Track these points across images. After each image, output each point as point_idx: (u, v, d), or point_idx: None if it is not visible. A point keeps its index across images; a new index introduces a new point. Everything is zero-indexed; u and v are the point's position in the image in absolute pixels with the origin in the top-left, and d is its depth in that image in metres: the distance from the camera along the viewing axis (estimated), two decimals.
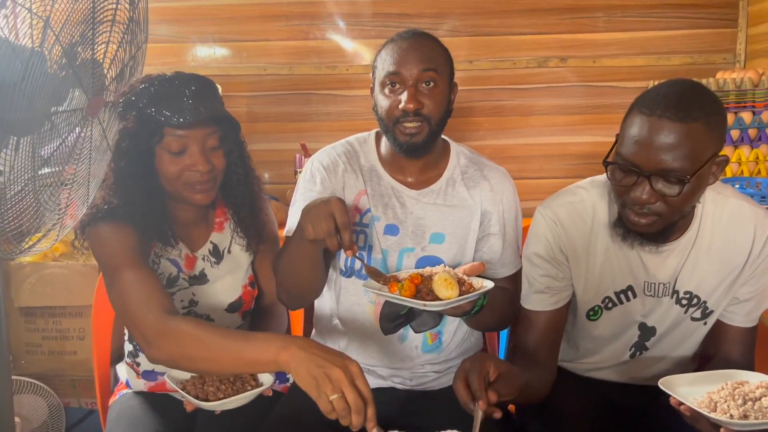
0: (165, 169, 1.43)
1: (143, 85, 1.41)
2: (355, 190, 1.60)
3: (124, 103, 1.42)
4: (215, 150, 1.45)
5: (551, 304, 1.50)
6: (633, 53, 2.90)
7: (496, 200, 1.60)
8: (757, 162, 2.49)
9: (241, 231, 1.61)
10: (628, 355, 1.55)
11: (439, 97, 1.51)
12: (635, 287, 1.47)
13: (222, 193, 1.58)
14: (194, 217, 1.57)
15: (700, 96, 1.25)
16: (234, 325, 1.62)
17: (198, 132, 1.41)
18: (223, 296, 1.58)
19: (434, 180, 1.61)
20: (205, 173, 1.42)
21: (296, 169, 2.78)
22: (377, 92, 1.54)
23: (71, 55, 1.63)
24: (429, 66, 1.48)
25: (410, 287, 1.30)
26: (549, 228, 1.47)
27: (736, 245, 1.42)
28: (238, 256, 1.61)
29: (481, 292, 1.31)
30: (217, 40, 3.01)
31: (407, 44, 1.50)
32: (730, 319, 1.48)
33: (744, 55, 2.84)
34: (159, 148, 1.42)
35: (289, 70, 3.00)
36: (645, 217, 1.29)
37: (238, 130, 1.50)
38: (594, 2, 2.88)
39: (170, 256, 1.53)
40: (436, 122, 1.51)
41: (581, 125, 2.97)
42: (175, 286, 1.53)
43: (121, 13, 1.84)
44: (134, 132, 1.41)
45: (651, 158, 1.22)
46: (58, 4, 1.64)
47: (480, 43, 2.93)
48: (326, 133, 2.98)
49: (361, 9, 2.96)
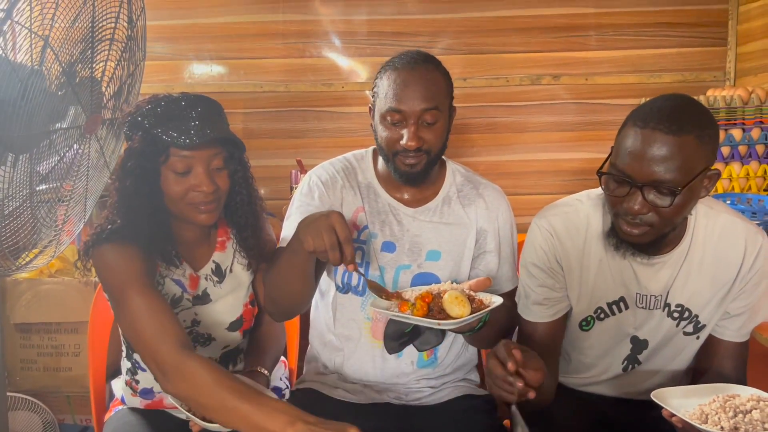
0: (170, 189, 1.44)
1: (149, 105, 1.43)
2: (353, 207, 1.61)
3: (130, 123, 1.44)
4: (220, 171, 1.46)
5: (550, 316, 1.51)
6: (625, 71, 2.95)
7: (491, 218, 1.62)
8: (748, 178, 2.52)
9: (243, 250, 1.61)
10: (621, 369, 1.55)
11: (440, 131, 1.52)
12: (627, 299, 1.48)
13: (225, 212, 1.58)
14: (197, 237, 1.57)
15: (693, 110, 1.28)
16: (234, 342, 1.62)
17: (203, 153, 1.42)
18: (224, 315, 1.58)
19: (430, 198, 1.63)
20: (210, 194, 1.43)
21: (292, 185, 2.79)
22: (377, 121, 1.54)
23: (70, 74, 1.65)
24: (431, 105, 1.48)
25: (422, 306, 1.29)
26: (544, 238, 1.49)
27: (727, 260, 1.43)
28: (239, 275, 1.61)
29: (492, 308, 1.31)
30: (214, 57, 3.05)
31: (409, 77, 1.48)
32: (721, 334, 1.49)
33: (733, 73, 2.89)
34: (164, 168, 1.42)
35: (286, 87, 3.03)
36: (637, 227, 1.31)
37: (243, 150, 1.51)
38: (586, 21, 2.93)
39: (174, 277, 1.53)
40: (436, 153, 1.53)
41: (574, 142, 3.01)
42: (178, 307, 1.53)
43: (119, 31, 1.87)
44: (140, 151, 1.42)
45: (644, 169, 1.24)
46: (58, 23, 1.66)
47: (474, 60, 2.98)
48: (322, 150, 3.02)
49: (356, 28, 3.00)
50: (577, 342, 1.57)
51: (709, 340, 1.51)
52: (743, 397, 1.22)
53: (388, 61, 1.55)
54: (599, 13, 2.92)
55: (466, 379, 1.71)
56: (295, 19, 3.00)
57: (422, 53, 1.54)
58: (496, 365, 1.20)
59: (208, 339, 1.57)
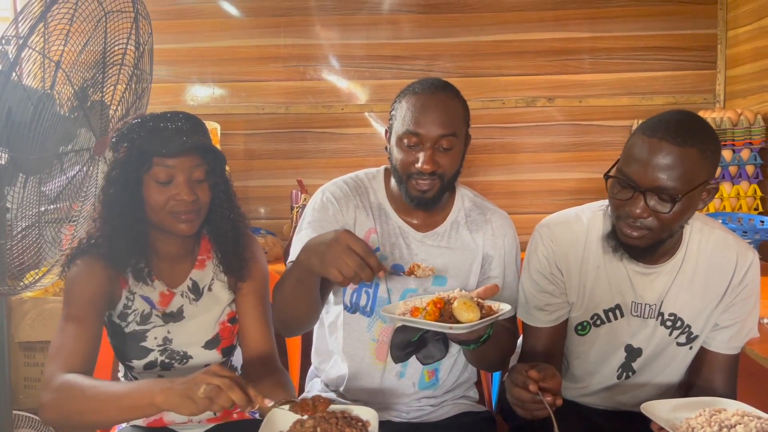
0: (151, 197, 1.47)
1: (137, 120, 1.49)
2: (366, 228, 1.60)
3: (118, 137, 1.49)
4: (201, 183, 1.50)
5: (551, 321, 1.56)
6: (617, 93, 3.02)
7: (497, 244, 1.63)
8: (738, 198, 2.58)
9: (223, 267, 1.62)
10: (616, 377, 1.59)
11: (456, 157, 1.52)
12: (623, 306, 1.53)
13: (207, 228, 1.62)
14: (177, 252, 1.59)
15: (698, 126, 1.34)
16: (214, 361, 1.61)
17: (185, 162, 1.46)
18: (199, 333, 1.58)
19: (439, 223, 1.64)
20: (190, 203, 1.47)
21: (293, 205, 2.83)
22: (393, 144, 1.54)
23: (83, 98, 1.70)
24: (448, 131, 1.48)
25: (434, 311, 1.27)
26: (546, 245, 1.54)
27: (718, 273, 1.49)
28: (218, 293, 1.62)
29: (501, 314, 1.31)
30: (216, 80, 3.10)
31: (429, 102, 1.49)
32: (712, 346, 1.53)
33: (723, 95, 2.96)
34: (147, 177, 1.46)
35: (286, 109, 3.08)
36: (637, 230, 1.37)
37: (224, 164, 1.55)
38: (580, 45, 3.01)
39: (144, 294, 1.55)
40: (449, 179, 1.54)
41: (568, 162, 3.07)
42: (148, 323, 1.55)
43: (128, 55, 1.93)
44: (124, 161, 1.46)
45: (648, 176, 1.31)
46: (69, 47, 1.72)
47: (471, 83, 3.03)
48: (322, 170, 3.07)
49: (355, 51, 3.07)
50: (574, 347, 1.61)
51: (700, 352, 1.55)
52: (729, 411, 1.25)
53: (408, 86, 1.56)
54: (593, 38, 3.00)
55: (465, 396, 1.73)
56: (295, 43, 3.06)
57: (442, 81, 1.55)
58: (521, 392, 1.25)
59: (185, 357, 1.57)
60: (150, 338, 1.55)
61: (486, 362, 1.64)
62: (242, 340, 1.63)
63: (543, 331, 1.56)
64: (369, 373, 1.62)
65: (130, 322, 1.54)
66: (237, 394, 1.10)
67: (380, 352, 1.61)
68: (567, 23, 3.00)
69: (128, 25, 1.79)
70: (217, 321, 1.60)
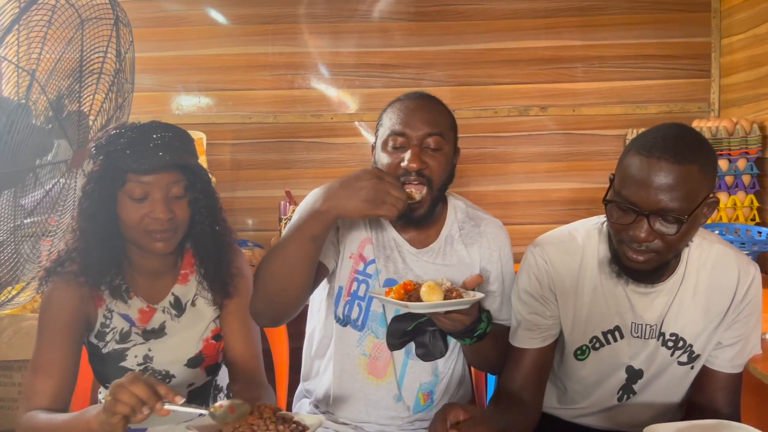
0: (126, 215, 1.42)
1: (115, 131, 1.43)
2: (361, 237, 1.55)
3: (96, 147, 1.44)
4: (179, 199, 1.44)
5: (539, 342, 1.50)
6: (611, 102, 2.98)
7: (493, 257, 1.59)
8: (735, 208, 2.54)
9: (206, 283, 1.57)
10: (616, 399, 1.54)
11: (443, 160, 1.47)
12: (622, 328, 1.48)
13: (190, 242, 1.56)
14: (158, 267, 1.54)
15: (695, 140, 1.30)
16: (198, 380, 1.56)
17: (161, 179, 1.40)
18: (181, 351, 1.53)
19: (433, 238, 1.59)
20: (165, 221, 1.41)
21: (281, 216, 2.78)
22: (379, 150, 1.50)
23: (58, 108, 1.64)
24: (435, 130, 1.45)
25: (399, 291, 1.31)
26: (538, 266, 1.49)
27: (720, 290, 1.44)
28: (202, 309, 1.57)
29: (464, 301, 1.29)
30: (202, 89, 3.05)
31: (414, 104, 1.48)
32: (714, 364, 1.48)
33: (718, 104, 2.93)
34: (121, 193, 1.41)
35: (274, 118, 3.03)
36: (642, 254, 1.32)
37: (205, 178, 1.49)
38: (573, 53, 2.97)
39: (122, 311, 1.50)
40: (438, 187, 1.47)
41: (561, 172, 3.03)
42: (128, 342, 1.50)
43: (108, 64, 1.87)
44: (99, 176, 1.41)
45: (650, 198, 1.25)
46: (45, 57, 1.66)
47: (462, 92, 3.00)
48: (311, 181, 3.01)
49: (345, 59, 3.02)
50: (572, 371, 1.55)
51: (702, 371, 1.50)
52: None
53: (393, 99, 1.54)
54: (586, 46, 2.97)
55: None
56: (283, 51, 3.01)
57: (429, 93, 1.54)
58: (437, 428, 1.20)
59: (167, 376, 1.52)
60: (130, 357, 1.49)
61: (484, 360, 1.59)
62: (227, 358, 1.58)
63: (529, 353, 1.50)
64: (361, 389, 1.57)
65: (109, 341, 1.49)
66: (140, 388, 1.09)
67: (373, 368, 1.56)
68: (560, 31, 2.96)
69: (107, 33, 1.74)
70: (201, 338, 1.55)
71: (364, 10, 3.00)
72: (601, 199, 1.37)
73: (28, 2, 1.48)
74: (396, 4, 3.00)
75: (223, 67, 3.02)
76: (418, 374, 1.57)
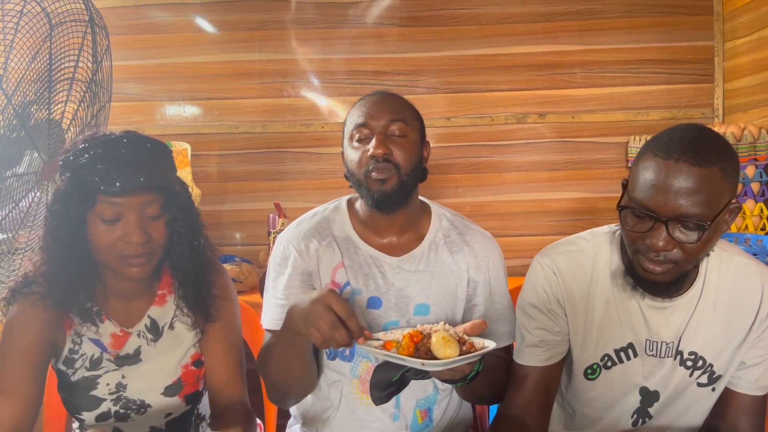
0: (96, 238, 1.30)
1: (84, 144, 1.30)
2: (332, 264, 1.51)
3: (63, 162, 1.32)
4: (155, 219, 1.33)
5: (545, 360, 1.41)
6: (611, 108, 2.90)
7: (481, 267, 1.52)
8: (744, 217, 2.44)
9: (185, 306, 1.47)
10: (630, 423, 1.44)
11: (409, 146, 1.47)
12: (636, 345, 1.39)
13: (168, 262, 1.45)
14: (133, 289, 1.43)
15: (715, 141, 1.21)
16: (177, 410, 1.46)
17: (135, 200, 1.29)
18: (157, 378, 1.43)
19: (415, 244, 1.53)
20: (140, 245, 1.30)
21: (270, 230, 2.67)
22: (346, 147, 1.50)
23: (24, 116, 1.52)
24: (397, 117, 1.46)
25: (409, 345, 1.19)
26: (546, 277, 1.41)
27: (743, 304, 1.35)
28: (181, 333, 1.46)
29: (483, 352, 1.20)
30: (187, 98, 2.95)
31: (375, 98, 1.50)
32: (737, 386, 1.39)
33: (722, 109, 2.85)
34: (91, 214, 1.29)
35: (263, 128, 2.94)
36: (660, 264, 1.23)
37: (186, 196, 1.39)
38: (571, 58, 2.90)
39: (92, 336, 1.39)
40: (407, 172, 1.46)
41: (561, 181, 2.94)
42: (99, 368, 1.39)
43: (81, 71, 1.76)
44: (66, 194, 1.29)
45: (669, 203, 1.17)
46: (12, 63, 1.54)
47: (457, 99, 2.91)
48: (301, 192, 2.92)
49: (335, 66, 2.94)
50: (581, 393, 1.46)
51: (724, 393, 1.41)
52: None
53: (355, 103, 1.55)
54: (585, 51, 2.89)
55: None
56: (271, 59, 2.93)
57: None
58: None
59: (142, 406, 1.42)
60: (101, 385, 1.39)
61: (478, 397, 1.54)
62: (210, 386, 1.48)
63: (533, 372, 1.41)
64: (354, 410, 1.49)
65: (78, 368, 1.38)
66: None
67: (366, 387, 1.48)
68: (557, 36, 2.88)
69: (79, 37, 1.62)
70: (179, 364, 1.45)
71: (355, 15, 2.92)
72: (602, 208, 1.29)
73: None
74: (387, 9, 2.91)
75: (209, 75, 2.93)
76: (414, 390, 1.49)
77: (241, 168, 2.95)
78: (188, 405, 1.47)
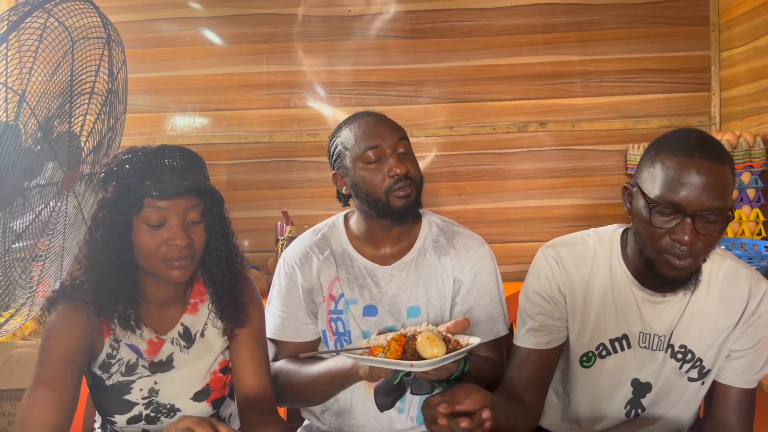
0: (142, 242, 1.36)
1: (126, 155, 1.37)
2: (329, 278, 1.59)
3: (106, 173, 1.37)
4: (196, 224, 1.39)
5: (544, 344, 1.47)
6: (611, 117, 2.96)
7: (465, 267, 1.58)
8: (740, 223, 2.50)
9: (218, 312, 1.51)
10: (624, 414, 1.50)
11: (415, 160, 1.56)
12: (630, 336, 1.45)
13: (201, 270, 1.50)
14: (168, 297, 1.48)
15: (719, 143, 1.31)
16: (203, 414, 1.48)
17: (178, 204, 1.35)
18: (188, 384, 1.47)
19: (406, 251, 1.60)
20: (184, 248, 1.35)
21: (277, 237, 2.73)
22: (356, 170, 1.53)
23: (47, 129, 1.59)
24: (402, 135, 1.55)
25: (396, 349, 1.21)
26: (549, 266, 1.48)
27: (730, 304, 1.41)
28: (212, 340, 1.50)
29: (468, 348, 1.22)
30: (196, 109, 3.01)
31: (373, 119, 1.56)
32: (725, 378, 1.44)
33: (719, 117, 2.90)
34: (137, 219, 1.35)
35: (270, 138, 3.00)
36: (685, 259, 1.29)
37: (222, 204, 1.44)
38: (571, 68, 2.95)
39: (130, 341, 1.43)
40: (419, 185, 1.55)
41: (562, 188, 2.99)
42: (134, 374, 1.43)
43: (99, 84, 1.83)
44: (113, 202, 1.35)
45: (696, 198, 1.24)
46: (35, 77, 1.61)
47: (460, 109, 2.97)
48: (308, 200, 2.97)
49: (341, 78, 3.00)
50: (576, 381, 1.52)
51: (713, 388, 1.47)
52: None
53: (339, 124, 1.61)
54: (584, 60, 2.94)
55: None
56: (279, 70, 2.99)
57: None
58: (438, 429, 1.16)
59: (172, 410, 1.46)
60: (135, 390, 1.43)
61: None
62: (239, 389, 1.51)
63: (533, 354, 1.48)
64: (363, 403, 1.55)
65: (114, 373, 1.42)
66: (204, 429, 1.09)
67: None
68: (558, 46, 2.94)
69: (98, 52, 1.69)
70: (209, 371, 1.49)
71: (360, 27, 2.98)
72: (603, 214, 1.37)
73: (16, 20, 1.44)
74: (391, 21, 2.98)
75: (218, 87, 2.99)
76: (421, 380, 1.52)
77: (249, 177, 3.01)
78: (214, 409, 1.51)
